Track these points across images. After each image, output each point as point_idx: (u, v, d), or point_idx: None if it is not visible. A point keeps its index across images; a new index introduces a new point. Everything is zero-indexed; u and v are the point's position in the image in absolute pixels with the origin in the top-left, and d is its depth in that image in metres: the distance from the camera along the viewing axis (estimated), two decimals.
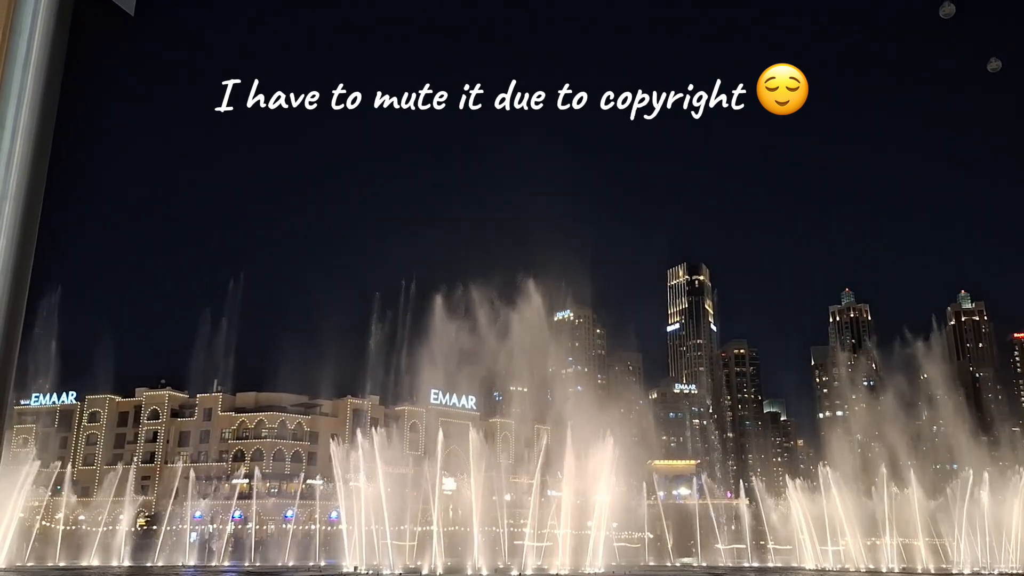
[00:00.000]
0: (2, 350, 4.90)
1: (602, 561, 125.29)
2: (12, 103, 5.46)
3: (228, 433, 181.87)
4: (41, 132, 5.47)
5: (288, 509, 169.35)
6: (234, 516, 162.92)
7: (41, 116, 5.51)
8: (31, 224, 5.22)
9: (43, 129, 5.50)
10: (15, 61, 5.51)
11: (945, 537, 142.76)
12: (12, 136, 5.37)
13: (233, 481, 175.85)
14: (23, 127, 5.45)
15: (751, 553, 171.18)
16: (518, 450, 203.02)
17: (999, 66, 38.74)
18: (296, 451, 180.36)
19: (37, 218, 5.26)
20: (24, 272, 5.07)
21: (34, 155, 5.39)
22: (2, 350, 4.90)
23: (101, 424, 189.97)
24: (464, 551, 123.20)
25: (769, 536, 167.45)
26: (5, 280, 5.00)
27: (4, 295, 4.99)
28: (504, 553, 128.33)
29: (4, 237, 5.08)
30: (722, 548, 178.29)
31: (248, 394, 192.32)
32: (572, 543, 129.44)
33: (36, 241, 5.29)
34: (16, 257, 5.06)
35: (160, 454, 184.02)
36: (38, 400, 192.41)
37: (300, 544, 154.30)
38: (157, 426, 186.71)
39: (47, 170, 5.52)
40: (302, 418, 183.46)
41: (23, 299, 5.19)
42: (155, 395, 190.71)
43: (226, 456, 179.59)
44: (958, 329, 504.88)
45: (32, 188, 5.31)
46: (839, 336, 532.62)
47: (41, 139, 5.46)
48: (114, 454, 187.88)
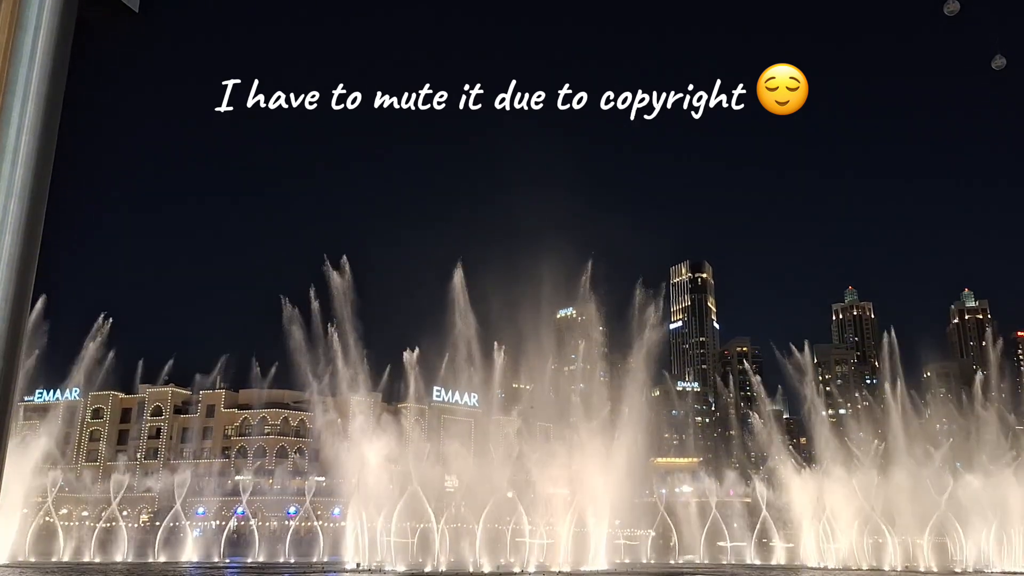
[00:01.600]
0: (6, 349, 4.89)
1: (605, 559, 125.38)
2: (18, 100, 5.45)
3: (231, 430, 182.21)
4: (47, 129, 5.46)
5: (290, 506, 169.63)
6: (237, 513, 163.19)
7: (46, 113, 5.50)
8: (36, 220, 5.22)
9: (48, 126, 5.49)
10: (20, 58, 5.50)
11: (949, 535, 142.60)
12: (18, 133, 5.36)
13: (236, 478, 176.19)
14: (28, 124, 5.44)
15: (754, 551, 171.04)
16: (520, 447, 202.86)
17: (1004, 63, 38.69)
18: (299, 448, 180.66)
19: (42, 215, 5.26)
20: (29, 268, 5.06)
21: (39, 152, 5.38)
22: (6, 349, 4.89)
23: (104, 420, 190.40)
24: (466, 548, 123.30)
25: (771, 534, 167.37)
26: (11, 277, 5.00)
27: (10, 293, 4.98)
28: (506, 550, 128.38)
29: (10, 233, 5.08)
30: (725, 546, 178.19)
31: (250, 391, 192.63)
32: (574, 541, 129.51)
33: (41, 237, 5.29)
34: (22, 253, 5.06)
35: (163, 451, 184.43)
36: (42, 396, 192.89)
37: (302, 541, 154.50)
38: (160, 422, 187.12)
39: (52, 167, 5.51)
40: (304, 415, 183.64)
41: (28, 296, 5.18)
42: (158, 392, 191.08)
43: (229, 452, 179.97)
44: (961, 327, 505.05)
45: (37, 185, 5.31)
46: (842, 334, 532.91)
47: (47, 136, 5.45)
48: (117, 450, 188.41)
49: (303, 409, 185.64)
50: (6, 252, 5.01)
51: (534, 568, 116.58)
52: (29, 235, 5.17)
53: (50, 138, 5.49)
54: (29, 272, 5.08)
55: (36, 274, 5.13)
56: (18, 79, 5.50)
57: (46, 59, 5.59)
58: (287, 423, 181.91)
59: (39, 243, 5.23)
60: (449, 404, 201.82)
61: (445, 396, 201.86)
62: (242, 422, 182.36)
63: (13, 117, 5.42)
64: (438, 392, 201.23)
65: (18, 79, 5.50)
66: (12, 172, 5.24)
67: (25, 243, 5.12)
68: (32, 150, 5.36)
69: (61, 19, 5.72)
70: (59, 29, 5.67)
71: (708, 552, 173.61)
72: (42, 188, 5.35)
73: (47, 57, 5.60)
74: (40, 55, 5.58)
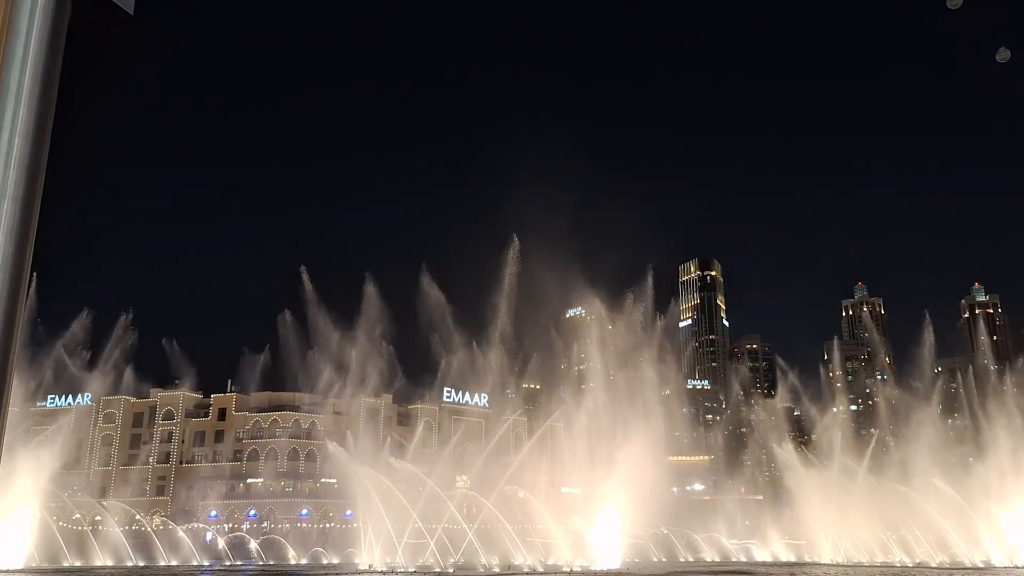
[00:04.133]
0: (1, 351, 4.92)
1: (617, 558, 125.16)
2: (10, 104, 5.48)
3: (242, 433, 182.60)
4: (39, 132, 5.49)
5: (302, 508, 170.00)
6: (249, 515, 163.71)
7: (39, 116, 5.53)
8: (30, 222, 5.24)
9: (41, 129, 5.51)
10: (12, 62, 5.53)
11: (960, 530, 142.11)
12: (10, 136, 5.39)
13: (248, 480, 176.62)
14: (20, 128, 5.47)
15: (765, 548, 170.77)
16: (531, 447, 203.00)
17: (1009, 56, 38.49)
18: (310, 450, 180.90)
19: (36, 217, 5.28)
20: (22, 272, 5.09)
21: (32, 155, 5.41)
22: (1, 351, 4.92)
23: (116, 425, 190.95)
24: (477, 548, 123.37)
25: (782, 531, 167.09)
26: (4, 280, 5.03)
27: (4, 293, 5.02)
28: (517, 550, 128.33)
29: (3, 234, 5.11)
30: (735, 543, 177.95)
31: (262, 394, 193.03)
32: (585, 540, 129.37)
33: (35, 241, 5.32)
34: (14, 257, 5.09)
35: (175, 454, 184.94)
36: (53, 402, 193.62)
37: (315, 542, 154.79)
38: (172, 426, 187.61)
39: (46, 170, 5.54)
40: (316, 417, 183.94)
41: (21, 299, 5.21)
42: (169, 396, 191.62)
43: (240, 455, 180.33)
44: (972, 322, 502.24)
45: (30, 187, 5.33)
46: (852, 330, 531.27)
47: (39, 139, 5.48)
48: (129, 454, 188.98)
49: (315, 411, 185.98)
50: (0, 253, 5.04)
51: (544, 568, 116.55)
52: (22, 237, 5.20)
53: (43, 141, 5.52)
54: (22, 273, 5.11)
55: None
56: (10, 83, 5.52)
57: (39, 63, 5.61)
58: (299, 425, 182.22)
59: (32, 244, 5.25)
60: (459, 405, 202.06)
61: (455, 397, 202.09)
62: (254, 425, 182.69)
63: (5, 121, 5.45)
64: (448, 393, 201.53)
65: (10, 83, 5.52)
66: (5, 175, 5.27)
67: (18, 244, 5.15)
68: (25, 153, 5.38)
69: (54, 23, 5.73)
70: (51, 33, 5.69)
71: (719, 550, 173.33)
72: (35, 191, 5.37)
73: (40, 60, 5.61)
74: (32, 59, 5.59)
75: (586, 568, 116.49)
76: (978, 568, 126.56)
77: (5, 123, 5.44)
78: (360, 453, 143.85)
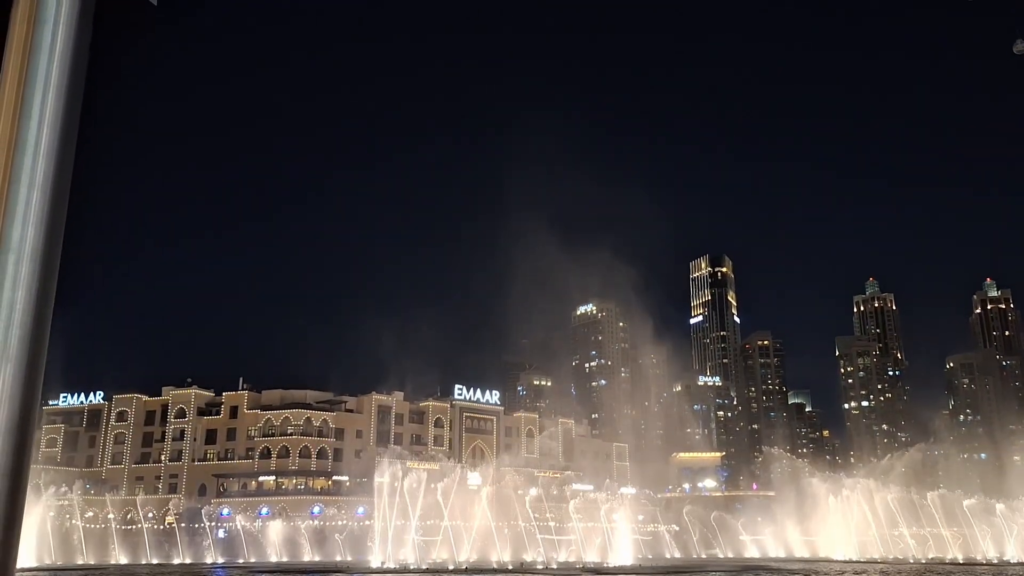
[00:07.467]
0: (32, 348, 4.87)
1: (629, 555, 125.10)
2: (38, 93, 5.44)
3: (254, 431, 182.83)
4: (68, 121, 5.45)
5: (315, 505, 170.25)
6: (261, 513, 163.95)
7: (67, 106, 5.49)
8: (59, 212, 5.20)
9: (69, 119, 5.48)
10: (40, 51, 5.49)
11: (974, 527, 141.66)
12: (39, 126, 5.35)
13: (260, 478, 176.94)
14: (49, 117, 5.43)
15: (777, 544, 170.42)
16: (542, 444, 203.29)
17: None
18: (322, 448, 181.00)
19: (65, 207, 5.24)
20: (53, 259, 5.04)
21: (61, 144, 5.37)
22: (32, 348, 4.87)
23: (129, 423, 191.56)
24: (489, 545, 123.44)
25: (794, 527, 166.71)
26: (35, 270, 4.98)
27: (34, 287, 4.96)
28: (529, 547, 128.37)
29: (33, 226, 5.06)
30: (747, 540, 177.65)
31: (273, 392, 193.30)
32: (597, 537, 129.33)
33: (64, 231, 5.27)
34: (45, 244, 5.04)
35: (187, 452, 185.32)
36: (66, 400, 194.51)
37: (327, 540, 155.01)
38: (184, 424, 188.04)
39: (74, 160, 5.50)
40: (327, 415, 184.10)
41: (52, 291, 5.16)
42: (182, 394, 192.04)
43: (252, 453, 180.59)
44: (984, 317, 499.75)
45: (59, 177, 5.29)
46: (864, 326, 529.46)
47: (68, 129, 5.44)
48: (142, 452, 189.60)
49: (326, 409, 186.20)
50: (29, 245, 4.99)
51: (557, 565, 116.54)
52: (52, 227, 5.15)
53: (71, 131, 5.48)
54: (53, 264, 5.06)
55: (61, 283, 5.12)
56: (38, 73, 5.49)
57: (65, 52, 5.58)
58: (310, 423, 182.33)
59: (62, 235, 5.21)
60: (471, 402, 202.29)
61: (467, 394, 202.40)
62: (266, 423, 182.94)
63: (34, 110, 5.41)
64: (459, 390, 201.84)
65: (38, 73, 5.49)
66: (34, 165, 5.23)
67: (48, 235, 5.11)
68: (53, 143, 5.35)
69: (80, 12, 5.71)
70: (78, 22, 5.66)
71: (731, 546, 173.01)
72: (64, 180, 5.33)
73: (66, 50, 5.58)
74: (59, 48, 5.57)
75: (599, 564, 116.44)
76: (991, 563, 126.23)
77: (33, 113, 5.40)
78: (372, 450, 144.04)
